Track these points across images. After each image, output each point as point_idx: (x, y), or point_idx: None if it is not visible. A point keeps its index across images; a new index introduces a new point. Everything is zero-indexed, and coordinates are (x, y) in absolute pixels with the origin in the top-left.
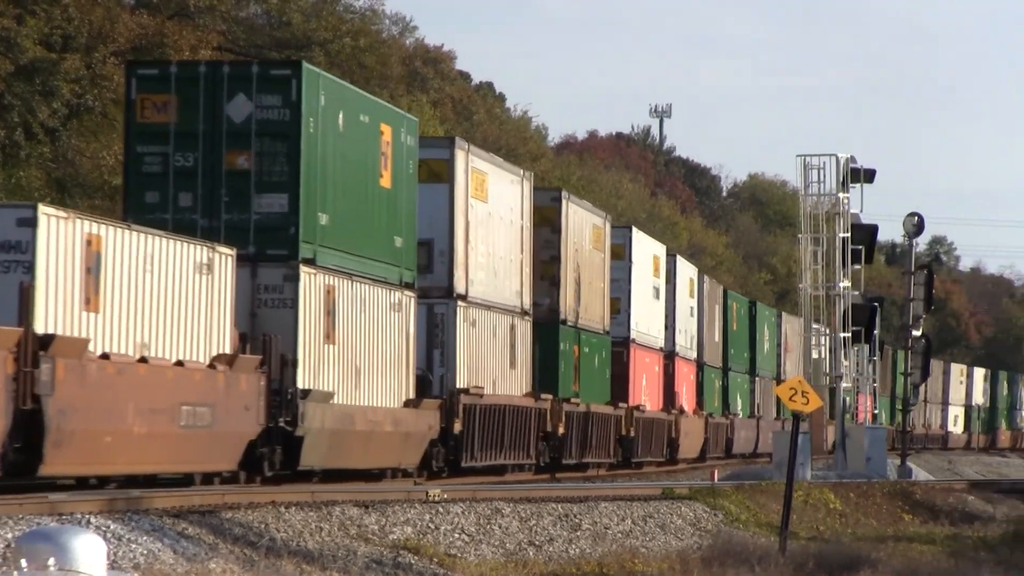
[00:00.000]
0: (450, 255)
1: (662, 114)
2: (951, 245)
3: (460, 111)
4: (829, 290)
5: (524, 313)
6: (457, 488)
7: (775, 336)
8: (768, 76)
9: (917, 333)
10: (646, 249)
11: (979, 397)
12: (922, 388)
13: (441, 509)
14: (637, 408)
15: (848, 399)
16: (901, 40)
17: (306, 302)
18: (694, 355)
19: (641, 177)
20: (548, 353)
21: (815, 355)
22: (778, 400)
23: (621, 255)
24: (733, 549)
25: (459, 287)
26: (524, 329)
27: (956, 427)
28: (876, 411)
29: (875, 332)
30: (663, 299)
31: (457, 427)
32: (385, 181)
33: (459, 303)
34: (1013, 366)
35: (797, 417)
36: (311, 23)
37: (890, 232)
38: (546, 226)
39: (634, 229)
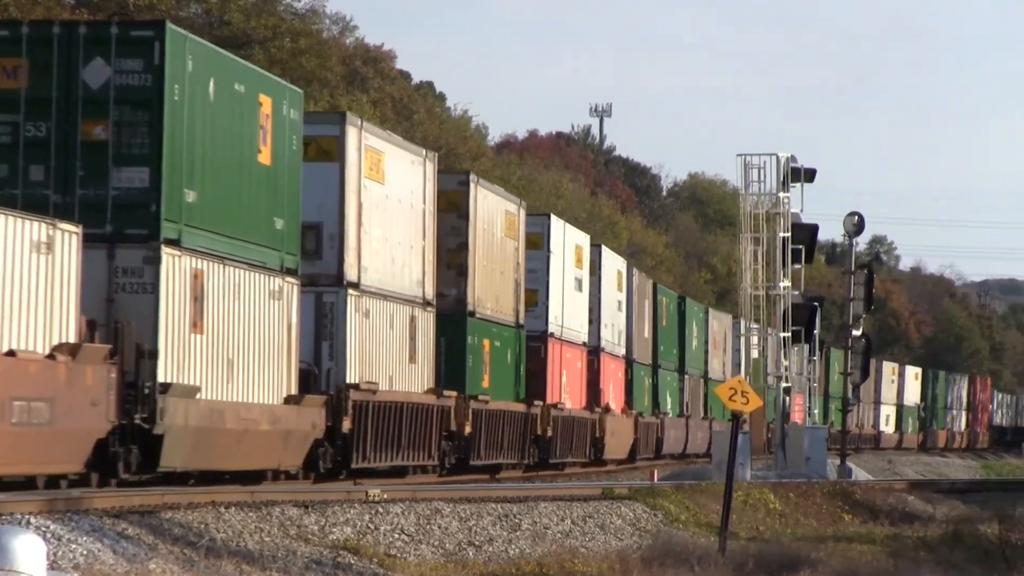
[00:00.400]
0: (341, 240)
1: (602, 113)
2: (891, 245)
3: (400, 110)
4: (769, 290)
5: (426, 304)
6: (398, 488)
7: (703, 333)
8: (709, 76)
9: (857, 333)
10: (566, 238)
11: (911, 396)
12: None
13: (381, 509)
14: (555, 406)
15: (788, 399)
16: (841, 41)
17: (169, 287)
18: (623, 351)
19: (581, 176)
20: (454, 347)
21: (755, 355)
22: (706, 399)
23: (538, 244)
24: (673, 549)
25: (351, 274)
26: (426, 321)
27: (888, 427)
28: (816, 411)
29: (815, 332)
30: (586, 291)
31: (346, 425)
32: (264, 157)
33: (350, 291)
34: (953, 365)
35: (737, 417)
36: (251, 22)
37: (830, 232)
38: (453, 212)
39: (552, 217)
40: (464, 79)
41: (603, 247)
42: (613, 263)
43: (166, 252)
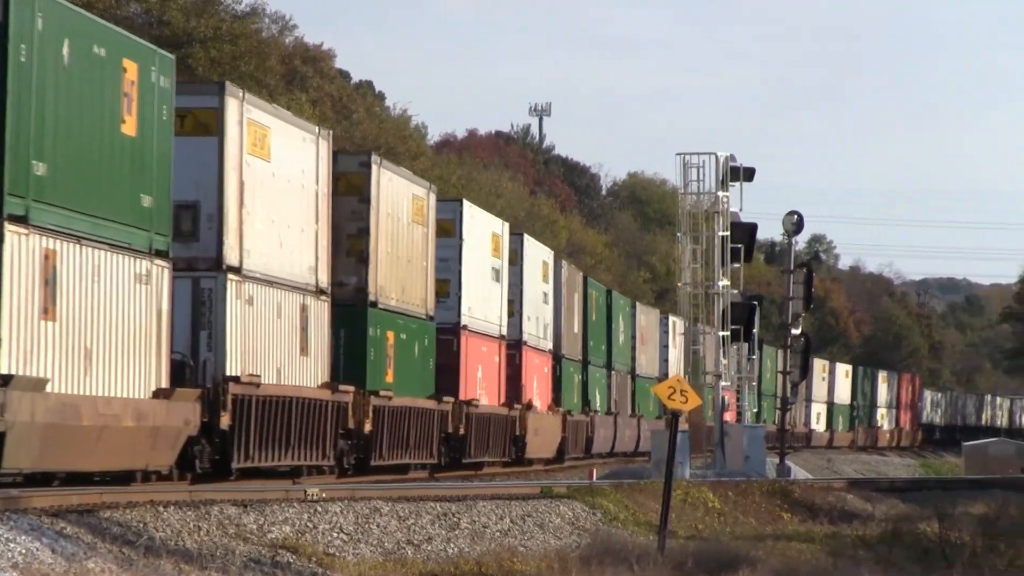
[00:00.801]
0: (220, 220)
1: (542, 113)
2: (830, 243)
3: (339, 110)
4: (708, 289)
5: (320, 292)
6: (336, 487)
7: (630, 328)
8: (648, 75)
9: (796, 332)
10: (481, 226)
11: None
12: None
13: (319, 508)
14: (469, 403)
15: (726, 398)
16: (780, 41)
17: (14, 269)
18: (549, 346)
19: (520, 176)
20: (354, 339)
21: (695, 353)
22: (634, 396)
23: (450, 231)
24: (612, 548)
25: (231, 258)
26: (320, 310)
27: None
28: (755, 409)
29: (754, 331)
30: (505, 282)
31: (225, 422)
32: (128, 128)
33: (231, 276)
34: (892, 364)
35: (676, 416)
36: (191, 22)
37: (769, 231)
38: (353, 195)
39: (465, 203)
40: (403, 78)
41: (525, 236)
42: (537, 253)
43: (10, 230)
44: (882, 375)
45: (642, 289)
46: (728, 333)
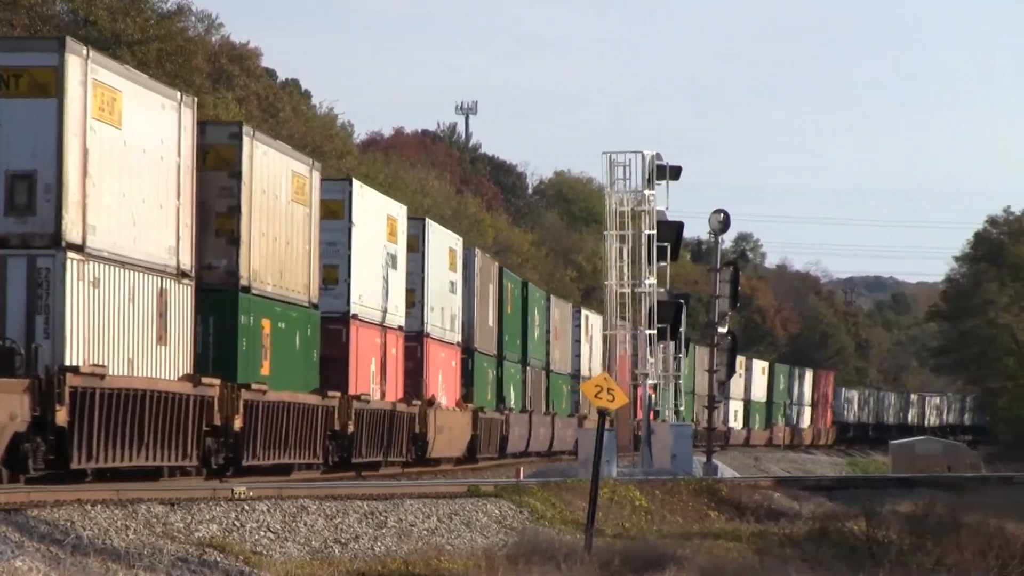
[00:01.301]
0: (59, 192)
1: (468, 111)
2: (757, 242)
3: (266, 108)
4: (635, 287)
5: (182, 275)
6: (263, 486)
7: (545, 321)
8: (573, 72)
9: (723, 330)
10: (374, 208)
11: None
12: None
13: (247, 507)
14: (359, 398)
15: (654, 396)
16: (707, 39)
17: None
18: (457, 338)
19: (447, 174)
20: (224, 328)
21: (620, 352)
22: (548, 392)
23: (339, 213)
24: (539, 547)
25: (72, 234)
26: (181, 295)
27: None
28: (682, 408)
29: (681, 329)
30: (403, 269)
31: (61, 417)
32: None
33: (71, 255)
34: (819, 363)
35: (603, 414)
36: (118, 22)
37: (696, 229)
38: (223, 169)
39: (355, 183)
40: (330, 77)
41: (429, 221)
42: (443, 240)
43: None
44: (799, 372)
45: (569, 288)
46: (655, 332)
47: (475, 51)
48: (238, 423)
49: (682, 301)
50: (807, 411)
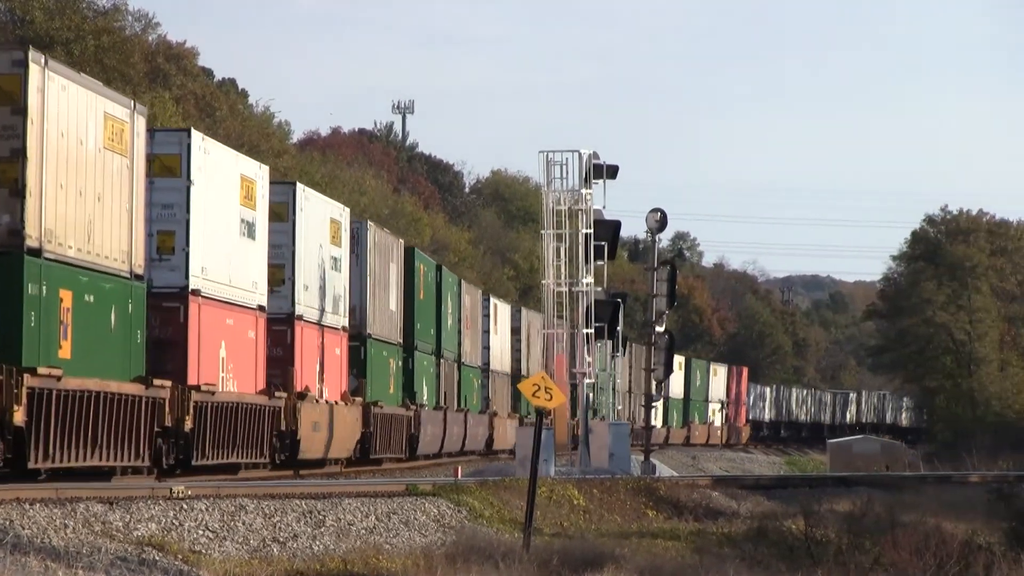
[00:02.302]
0: None
1: (405, 110)
2: (694, 241)
3: (203, 107)
4: (572, 286)
5: None
6: (201, 485)
7: (457, 309)
8: (510, 72)
9: (660, 329)
10: (224, 165)
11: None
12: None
13: (185, 506)
14: (199, 388)
15: (592, 395)
16: (641, 37)
17: None
18: (343, 322)
19: (384, 173)
20: (4, 299)
21: (558, 351)
22: (460, 386)
23: (175, 170)
24: (477, 545)
25: None
26: None
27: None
28: (619, 407)
29: (618, 328)
30: (264, 239)
31: (19, 417)
32: None
33: None
34: (756, 362)
35: (541, 413)
36: (54, 21)
37: (633, 228)
38: (5, 105)
39: (195, 134)
40: (267, 77)
41: (302, 187)
42: (320, 209)
43: None
44: (714, 368)
45: (506, 286)
46: (592, 331)
47: (412, 50)
48: (19, 417)
49: (619, 300)
50: (722, 409)
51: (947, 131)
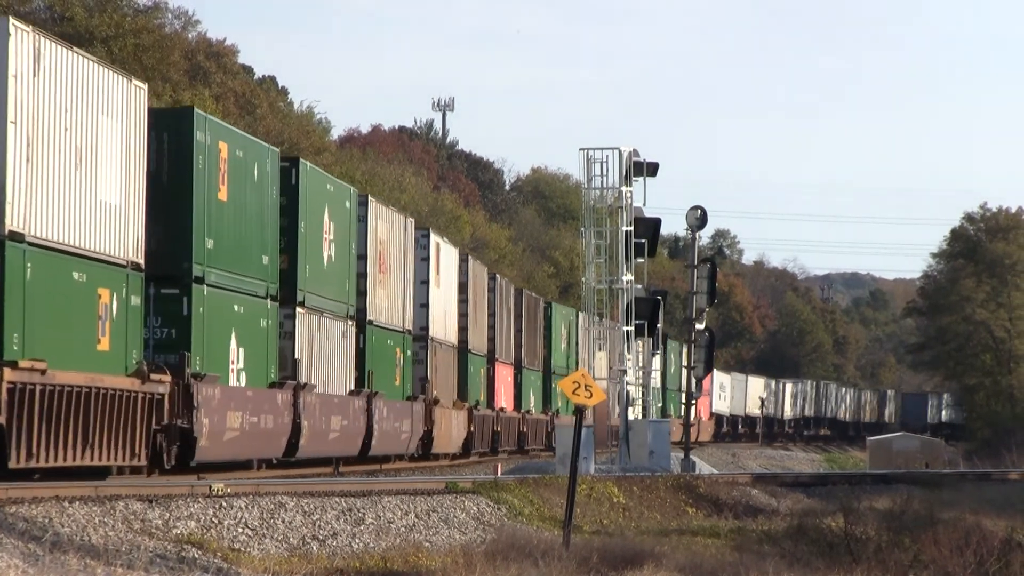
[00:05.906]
0: None
1: (445, 107)
2: (734, 238)
3: (243, 105)
4: (612, 284)
5: None
6: (240, 483)
7: (345, 230)
8: (551, 70)
9: (700, 327)
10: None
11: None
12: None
13: (224, 503)
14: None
15: (631, 391)
16: (681, 34)
17: None
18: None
19: (424, 171)
20: None
21: (599, 349)
22: (400, 380)
23: None
24: (517, 543)
25: None
26: None
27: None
28: (659, 404)
29: (658, 326)
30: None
31: None
32: None
33: None
34: (796, 360)
35: (581, 411)
36: (94, 19)
37: (673, 225)
38: None
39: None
40: (307, 73)
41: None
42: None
43: None
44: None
45: (546, 284)
46: (632, 328)
47: (452, 48)
48: None
49: (659, 298)
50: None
51: (988, 128)
